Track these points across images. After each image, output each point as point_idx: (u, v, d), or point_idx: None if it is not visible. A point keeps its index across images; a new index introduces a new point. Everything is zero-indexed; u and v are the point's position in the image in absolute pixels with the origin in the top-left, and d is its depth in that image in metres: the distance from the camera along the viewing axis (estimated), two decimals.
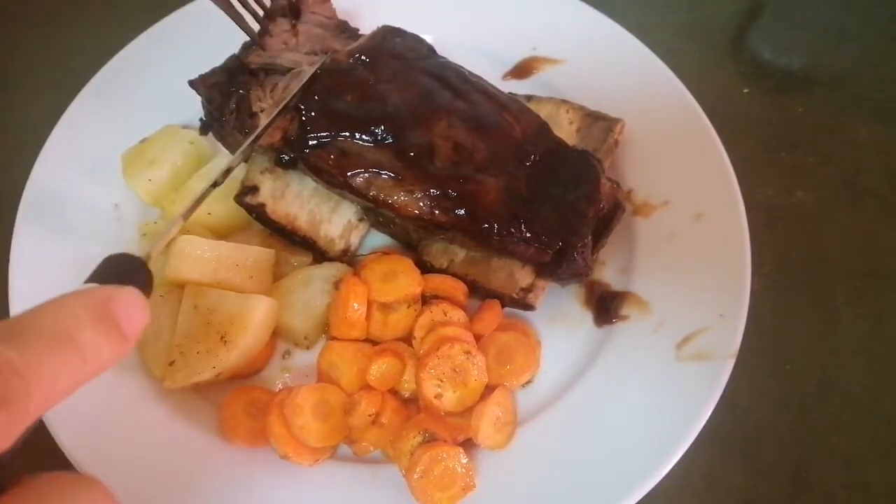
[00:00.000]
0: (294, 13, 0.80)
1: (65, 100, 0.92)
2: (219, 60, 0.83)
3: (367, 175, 0.74)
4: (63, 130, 0.90)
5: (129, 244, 0.85)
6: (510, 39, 0.99)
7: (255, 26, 0.83)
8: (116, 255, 0.47)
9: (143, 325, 0.34)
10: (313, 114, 0.76)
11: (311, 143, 0.75)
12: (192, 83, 0.79)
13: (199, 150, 0.89)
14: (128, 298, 0.33)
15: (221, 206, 0.84)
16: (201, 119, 0.83)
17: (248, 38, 0.83)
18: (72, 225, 0.85)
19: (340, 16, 0.89)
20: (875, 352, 0.84)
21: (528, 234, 0.73)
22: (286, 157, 0.77)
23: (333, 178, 0.75)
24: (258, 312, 0.73)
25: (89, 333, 0.30)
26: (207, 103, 0.80)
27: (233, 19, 0.77)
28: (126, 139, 0.89)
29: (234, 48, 0.83)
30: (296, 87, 0.75)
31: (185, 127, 0.91)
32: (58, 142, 0.89)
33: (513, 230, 0.72)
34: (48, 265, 0.81)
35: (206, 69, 0.82)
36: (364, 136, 0.74)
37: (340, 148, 0.75)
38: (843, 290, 0.87)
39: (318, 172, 0.76)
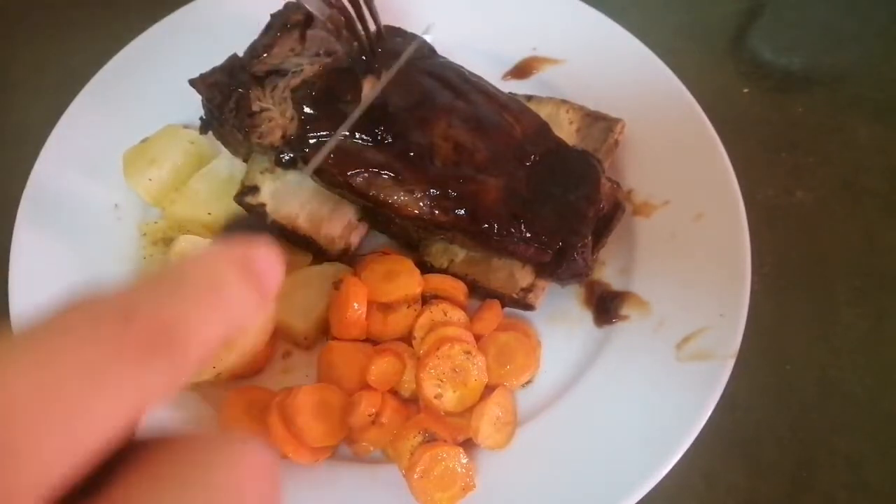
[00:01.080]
0: (307, 23, 0.80)
1: (65, 100, 0.92)
2: (220, 59, 0.82)
3: (366, 175, 0.74)
4: (63, 130, 0.90)
5: (130, 244, 0.85)
6: (510, 39, 0.99)
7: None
8: (242, 214, 0.45)
9: (280, 280, 0.34)
10: (313, 113, 0.76)
11: (310, 142, 0.75)
12: (192, 82, 0.79)
13: (200, 150, 0.89)
14: (267, 254, 0.33)
15: (221, 206, 0.84)
16: (201, 118, 0.83)
17: (251, 43, 0.83)
18: (72, 225, 0.84)
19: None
20: (875, 352, 0.84)
21: (528, 234, 0.73)
22: (286, 157, 0.77)
23: (333, 178, 0.75)
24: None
25: (234, 286, 0.30)
26: (207, 102, 0.80)
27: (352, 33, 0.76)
28: (127, 139, 0.89)
29: (235, 47, 0.83)
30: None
31: (186, 126, 0.91)
32: (58, 142, 0.89)
33: (513, 230, 0.72)
34: (48, 265, 0.81)
35: (207, 68, 0.82)
36: (364, 136, 0.75)
37: (340, 147, 0.75)
38: (843, 290, 0.87)
39: (317, 172, 0.76)
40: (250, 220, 0.43)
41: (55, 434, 0.22)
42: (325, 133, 0.75)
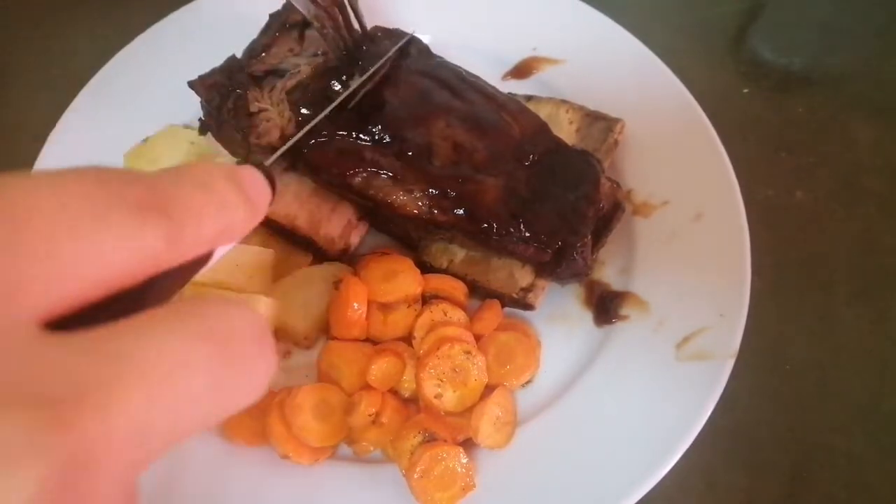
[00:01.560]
0: (306, 23, 0.80)
1: (65, 100, 0.92)
2: (221, 58, 0.82)
3: (365, 175, 0.74)
4: (63, 130, 0.90)
5: None
6: (510, 39, 0.99)
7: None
8: (247, 160, 0.46)
9: (268, 199, 0.35)
10: (308, 114, 0.76)
11: (309, 142, 0.75)
12: (191, 84, 0.80)
13: (201, 150, 0.89)
14: (248, 169, 0.34)
15: None
16: (200, 119, 0.83)
17: (249, 43, 0.83)
18: None
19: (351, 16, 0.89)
20: (875, 352, 0.84)
21: (528, 234, 0.73)
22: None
23: (332, 178, 0.75)
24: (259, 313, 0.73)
25: (222, 183, 0.31)
26: (206, 104, 0.80)
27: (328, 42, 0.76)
28: (127, 139, 0.89)
29: (236, 47, 0.83)
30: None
31: (187, 127, 0.91)
32: (58, 142, 0.89)
33: (512, 230, 0.72)
34: None
35: (208, 68, 0.82)
36: (362, 136, 0.75)
37: (339, 147, 0.75)
38: (843, 290, 0.87)
39: (316, 172, 0.76)
40: (261, 164, 0.45)
41: (59, 254, 0.23)
42: (320, 133, 0.75)
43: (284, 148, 0.54)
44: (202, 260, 0.34)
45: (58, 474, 0.19)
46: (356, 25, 0.80)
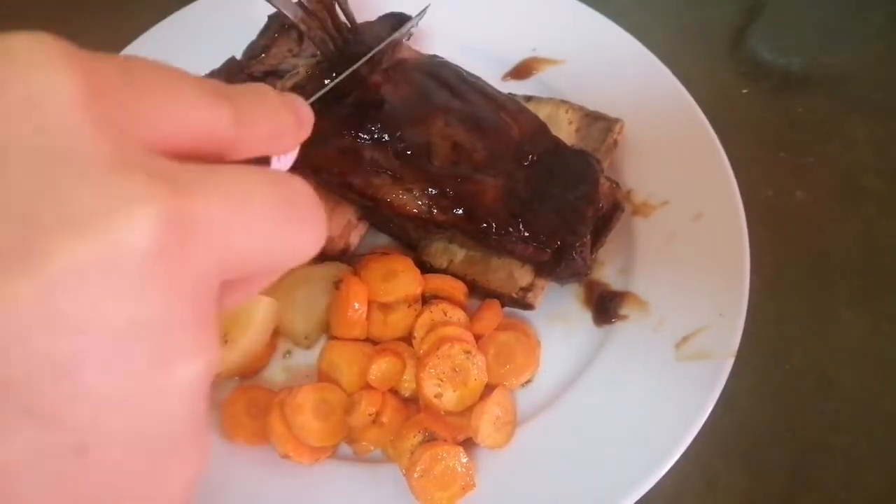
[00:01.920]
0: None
1: None
2: (222, 59, 0.83)
3: (365, 174, 0.74)
4: None
5: None
6: (510, 40, 0.99)
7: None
8: None
9: (311, 121, 0.39)
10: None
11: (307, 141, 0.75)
12: None
13: None
14: (295, 95, 0.38)
15: None
16: None
17: (249, 43, 0.83)
18: None
19: (340, 15, 0.89)
20: (875, 351, 0.84)
21: (527, 234, 0.73)
22: None
23: (332, 178, 0.75)
24: (259, 313, 0.73)
25: (275, 98, 0.35)
26: None
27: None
28: None
29: (237, 47, 0.83)
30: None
31: None
32: None
33: (511, 229, 0.73)
34: None
35: (210, 68, 0.82)
36: (362, 135, 0.75)
37: (338, 147, 0.75)
38: (842, 289, 0.87)
39: (316, 171, 0.76)
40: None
41: (162, 104, 0.27)
42: (317, 135, 0.75)
43: (322, 92, 0.55)
44: (260, 164, 0.37)
45: (169, 222, 0.22)
46: (348, 24, 0.80)
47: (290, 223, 0.30)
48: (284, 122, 0.35)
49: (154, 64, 0.29)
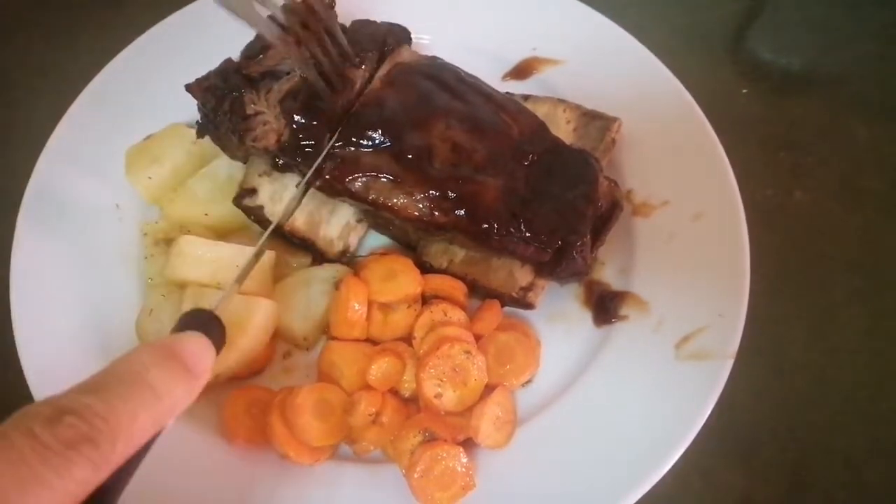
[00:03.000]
0: (304, 26, 0.80)
1: (67, 100, 0.92)
2: (221, 58, 0.82)
3: (365, 179, 0.74)
4: (64, 130, 0.90)
5: (131, 244, 0.85)
6: (510, 40, 0.99)
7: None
8: (191, 310, 0.53)
9: (210, 364, 0.39)
10: (302, 122, 0.76)
11: (305, 151, 0.75)
12: (188, 87, 0.79)
13: (202, 150, 0.89)
14: (189, 340, 0.38)
15: (219, 208, 0.84)
16: (197, 122, 0.83)
17: (247, 44, 0.83)
18: (73, 225, 0.85)
19: (341, 17, 0.89)
20: (873, 352, 0.84)
21: (528, 234, 0.73)
22: (281, 162, 0.77)
23: (333, 185, 0.75)
24: (259, 316, 0.73)
25: (156, 371, 0.35)
26: (203, 107, 0.80)
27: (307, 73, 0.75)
28: (128, 139, 0.89)
29: (235, 47, 0.83)
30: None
31: (191, 126, 0.91)
32: (60, 141, 0.89)
33: (512, 230, 0.73)
34: (49, 265, 0.81)
35: (211, 66, 0.82)
36: (362, 140, 0.74)
37: (339, 154, 0.74)
38: (841, 289, 0.88)
39: (317, 175, 0.76)
40: (198, 315, 0.48)
41: None
42: (314, 143, 0.75)
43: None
44: (154, 437, 0.37)
45: None
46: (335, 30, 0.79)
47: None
48: (172, 397, 0.35)
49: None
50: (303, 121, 0.75)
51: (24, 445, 0.28)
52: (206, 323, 0.43)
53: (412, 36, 0.89)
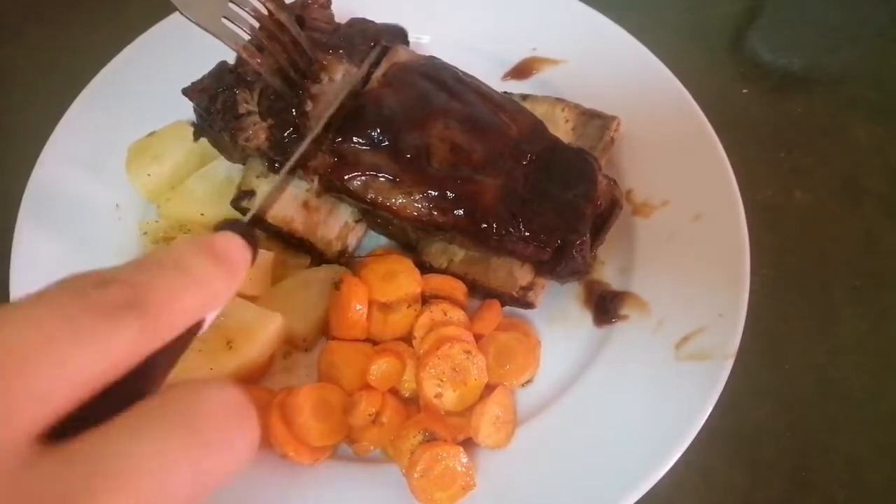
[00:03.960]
0: (299, 23, 0.80)
1: (68, 100, 0.92)
2: (224, 57, 0.82)
3: (364, 178, 0.74)
4: (65, 129, 0.90)
5: (131, 243, 0.85)
6: (510, 40, 0.99)
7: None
8: (227, 220, 0.49)
9: (246, 264, 0.38)
10: (278, 121, 0.76)
11: (284, 149, 0.75)
12: (184, 91, 0.79)
13: (203, 149, 0.89)
14: (227, 237, 0.37)
15: (215, 208, 0.84)
16: (193, 123, 0.83)
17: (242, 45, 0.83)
18: (73, 224, 0.85)
19: (338, 16, 0.89)
20: (874, 352, 0.84)
21: (527, 233, 0.73)
22: (279, 163, 0.77)
23: (331, 184, 0.75)
24: (269, 330, 0.73)
25: (196, 259, 0.34)
26: (198, 108, 0.80)
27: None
28: (128, 139, 0.89)
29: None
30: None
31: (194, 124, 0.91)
32: (59, 141, 0.89)
33: (511, 229, 0.73)
34: (49, 264, 0.81)
35: (211, 66, 0.82)
36: (360, 139, 0.75)
37: (337, 152, 0.75)
38: (841, 290, 0.88)
39: (314, 177, 0.76)
40: (237, 224, 0.48)
41: (41, 376, 0.26)
42: (291, 139, 0.75)
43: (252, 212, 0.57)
44: (193, 330, 0.36)
45: None
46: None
47: (208, 456, 0.29)
48: (212, 287, 0.34)
49: (28, 313, 0.28)
50: (278, 120, 0.75)
51: (77, 303, 0.28)
52: (242, 230, 0.43)
53: (412, 36, 0.89)
